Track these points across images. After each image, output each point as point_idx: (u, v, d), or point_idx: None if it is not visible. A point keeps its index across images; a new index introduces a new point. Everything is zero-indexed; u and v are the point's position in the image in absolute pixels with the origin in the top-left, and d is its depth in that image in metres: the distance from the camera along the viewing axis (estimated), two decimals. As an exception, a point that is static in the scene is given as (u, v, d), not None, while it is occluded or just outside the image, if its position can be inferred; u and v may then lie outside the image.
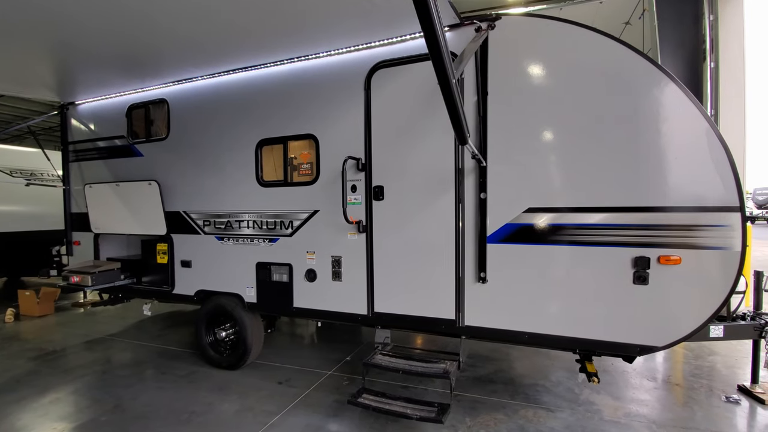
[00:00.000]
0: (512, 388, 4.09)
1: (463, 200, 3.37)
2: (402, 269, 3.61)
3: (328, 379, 4.31)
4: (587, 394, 3.95)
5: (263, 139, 4.16)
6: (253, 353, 4.49)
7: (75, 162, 5.52)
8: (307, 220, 3.99)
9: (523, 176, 3.20)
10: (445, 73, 1.90)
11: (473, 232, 3.36)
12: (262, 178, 4.22)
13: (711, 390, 4.00)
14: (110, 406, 3.83)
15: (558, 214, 3.12)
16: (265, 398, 3.90)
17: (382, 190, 3.64)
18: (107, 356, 5.13)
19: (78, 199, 5.48)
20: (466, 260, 3.39)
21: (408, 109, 3.53)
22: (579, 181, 3.07)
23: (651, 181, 2.92)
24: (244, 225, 4.31)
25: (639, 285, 2.94)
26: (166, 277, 4.81)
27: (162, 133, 4.76)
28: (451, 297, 3.45)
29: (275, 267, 4.17)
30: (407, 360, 3.56)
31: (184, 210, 4.65)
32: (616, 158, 2.98)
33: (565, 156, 3.11)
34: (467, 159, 3.35)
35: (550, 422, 3.45)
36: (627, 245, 2.96)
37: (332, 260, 3.88)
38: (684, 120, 2.89)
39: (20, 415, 3.68)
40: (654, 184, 2.92)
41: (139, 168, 4.88)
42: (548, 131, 3.15)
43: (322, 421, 3.48)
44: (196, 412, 3.67)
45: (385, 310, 3.70)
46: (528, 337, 3.25)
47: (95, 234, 5.32)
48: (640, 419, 3.49)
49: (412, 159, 3.53)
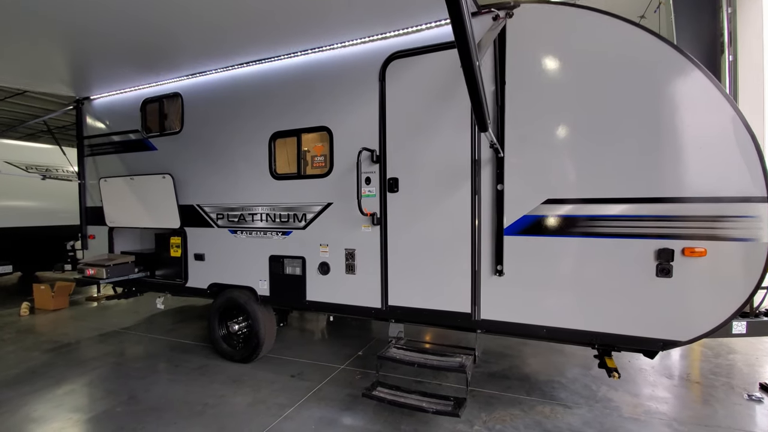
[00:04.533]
0: (527, 384, 4.03)
1: (480, 192, 3.32)
2: (417, 262, 3.57)
3: (341, 374, 4.29)
4: (605, 390, 3.87)
5: (277, 131, 4.14)
6: (266, 347, 4.48)
7: (90, 156, 5.57)
8: (321, 213, 3.96)
9: (542, 167, 3.13)
10: (469, 55, 1.86)
11: (490, 225, 3.31)
12: (276, 171, 4.20)
13: (732, 388, 3.90)
14: (124, 397, 3.84)
15: (578, 205, 3.05)
16: (277, 391, 3.89)
17: (397, 182, 3.61)
18: (121, 349, 5.17)
19: (93, 193, 5.53)
20: (482, 253, 3.34)
21: (423, 100, 3.49)
22: (600, 171, 3.00)
23: (675, 171, 2.84)
24: (258, 218, 4.30)
25: (662, 278, 2.86)
26: (180, 270, 4.83)
27: (176, 127, 4.78)
28: (467, 290, 3.40)
29: (288, 260, 4.15)
30: (422, 354, 3.52)
31: (198, 203, 4.66)
32: (638, 148, 2.90)
33: (586, 146, 3.04)
34: (484, 150, 3.30)
35: (567, 418, 3.38)
36: (650, 237, 2.89)
37: (346, 253, 3.85)
38: (709, 108, 2.80)
39: (36, 406, 3.71)
40: (678, 174, 2.83)
41: (153, 162, 4.90)
42: (568, 120, 3.08)
43: (335, 414, 3.46)
44: (209, 404, 3.67)
45: (400, 304, 3.66)
46: (546, 332, 3.19)
47: (110, 228, 5.36)
48: (660, 416, 3.41)
49: (427, 150, 3.49)
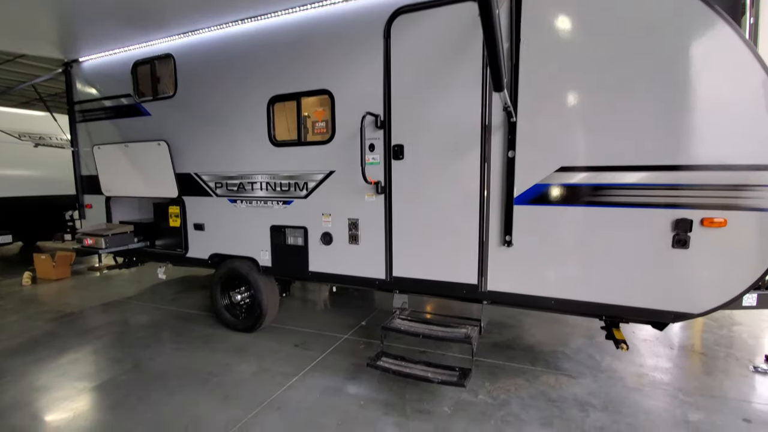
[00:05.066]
0: (531, 354, 4.02)
1: (489, 159, 3.16)
2: (422, 232, 3.46)
3: (344, 343, 4.28)
4: (609, 361, 3.86)
5: (275, 95, 3.93)
6: (269, 317, 4.46)
7: (82, 123, 5.36)
8: (323, 182, 3.82)
9: (556, 132, 2.96)
10: (488, 5, 1.66)
11: (499, 193, 3.17)
12: (275, 138, 4.02)
13: (737, 359, 3.88)
14: (129, 366, 3.85)
15: (593, 173, 2.89)
16: (281, 360, 3.88)
17: (402, 149, 3.44)
18: (124, 318, 5.17)
19: (87, 161, 5.36)
20: (490, 223, 3.22)
21: (431, 59, 3.26)
22: (617, 138, 2.82)
23: (697, 137, 2.66)
24: (257, 187, 4.16)
25: (678, 249, 2.75)
26: (180, 240, 4.74)
27: (169, 90, 4.54)
28: (474, 261, 3.30)
29: (290, 230, 4.05)
30: (426, 325, 3.47)
31: (195, 171, 4.50)
32: (659, 112, 2.71)
33: (603, 110, 2.84)
34: (495, 114, 3.11)
35: (572, 388, 3.38)
36: (668, 206, 2.75)
37: (349, 223, 3.74)
38: (738, 69, 2.59)
39: (39, 375, 3.72)
40: (701, 141, 2.66)
41: (148, 128, 4.71)
42: (585, 82, 2.87)
43: (340, 383, 3.46)
44: (213, 372, 3.67)
45: (404, 275, 3.58)
46: (554, 303, 3.12)
47: (106, 197, 5.24)
48: (664, 387, 3.41)
49: (434, 115, 3.30)
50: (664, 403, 3.16)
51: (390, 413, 3.03)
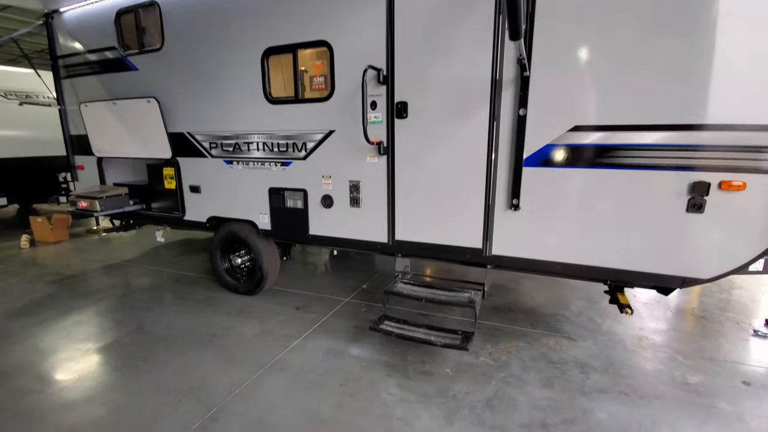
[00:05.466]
0: (532, 317, 4.03)
1: (499, 118, 2.98)
2: (426, 195, 3.34)
3: (346, 306, 4.29)
4: (609, 324, 3.88)
5: (270, 47, 3.66)
6: (270, 280, 4.44)
7: (67, 79, 5.08)
8: (322, 142, 3.65)
9: (572, 89, 2.76)
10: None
11: (508, 155, 3.02)
12: (271, 94, 3.80)
13: (737, 323, 3.90)
14: (132, 328, 3.86)
15: (609, 133, 2.73)
16: (284, 323, 3.90)
17: (406, 107, 3.24)
18: (125, 281, 5.16)
19: (75, 119, 5.13)
20: (497, 185, 3.10)
21: (438, 5, 2.99)
22: (636, 95, 2.63)
23: (719, 95, 2.48)
24: (254, 147, 3.99)
25: (693, 213, 2.65)
26: (176, 203, 4.62)
27: (156, 42, 4.24)
28: (479, 225, 3.21)
29: (289, 192, 3.92)
30: (429, 289, 3.44)
31: (188, 131, 4.30)
32: (680, 68, 2.50)
33: (622, 64, 2.63)
34: (507, 69, 2.89)
35: (572, 351, 3.40)
36: (685, 168, 2.61)
37: (350, 185, 3.61)
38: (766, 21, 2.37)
39: (43, 337, 3.73)
40: (723, 99, 2.48)
41: (135, 83, 4.45)
42: (604, 34, 2.63)
43: (342, 345, 3.48)
44: (216, 334, 3.69)
45: (407, 238, 3.51)
46: (560, 268, 3.06)
47: (98, 158, 5.06)
48: (664, 350, 3.43)
49: (441, 69, 3.07)
50: (664, 366, 3.18)
51: (392, 374, 3.06)
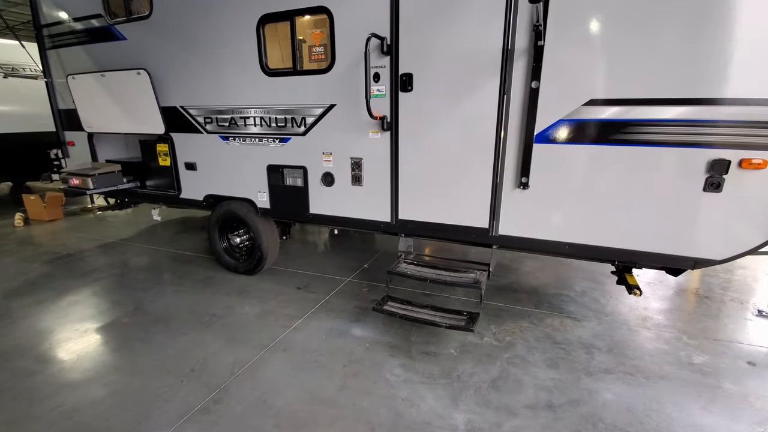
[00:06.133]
0: (536, 297, 3.99)
1: (509, 91, 2.82)
2: (431, 173, 3.22)
3: (347, 286, 4.23)
4: (613, 304, 3.84)
5: (266, 14, 3.44)
6: (270, 259, 4.36)
7: (53, 49, 4.83)
8: (322, 117, 3.49)
9: (588, 60, 2.59)
10: None
11: (518, 130, 2.88)
12: (267, 66, 3.60)
13: (741, 303, 3.87)
14: (130, 308, 3.80)
15: (625, 108, 2.59)
16: (285, 303, 3.84)
17: (411, 79, 3.07)
18: (122, 260, 5.08)
19: (63, 93, 4.91)
20: (506, 163, 2.97)
21: (448, -31, 2.78)
22: (654, 66, 2.47)
23: (743, 67, 2.33)
24: (251, 122, 3.82)
25: (710, 192, 2.54)
26: (172, 180, 4.48)
27: (144, 9, 4.00)
28: (486, 204, 3.11)
29: (288, 170, 3.79)
30: (433, 269, 3.37)
31: (182, 105, 4.11)
32: (704, 36, 2.34)
33: (640, 34, 2.45)
34: (519, 38, 2.71)
35: (577, 331, 3.37)
36: (705, 146, 2.49)
37: (352, 162, 3.47)
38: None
39: (40, 317, 3.67)
40: (746, 71, 2.33)
41: (124, 54, 4.22)
42: (621, 1, 2.46)
43: (345, 325, 3.43)
44: (216, 315, 3.64)
45: (411, 218, 3.41)
46: (569, 248, 2.98)
47: (88, 133, 4.87)
48: (669, 330, 3.40)
49: (449, 38, 2.89)
50: (669, 346, 3.16)
51: (396, 355, 3.03)
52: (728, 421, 2.41)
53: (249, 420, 2.40)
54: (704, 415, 2.46)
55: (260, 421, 2.39)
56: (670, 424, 2.38)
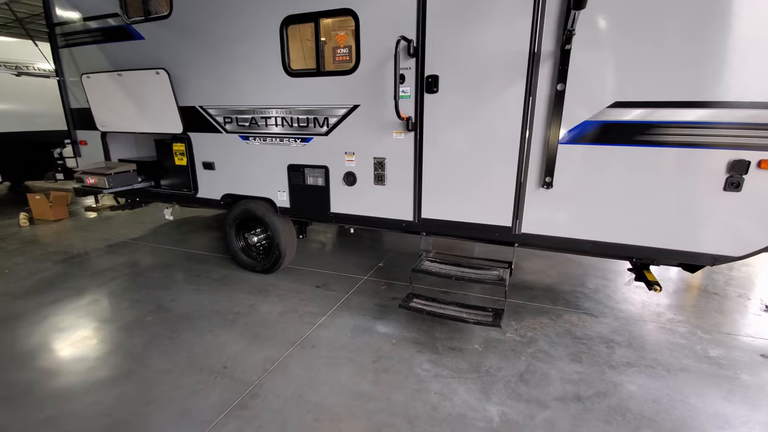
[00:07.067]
0: (552, 294, 4.08)
1: (535, 93, 2.90)
2: (454, 173, 3.28)
3: (365, 284, 4.28)
4: (627, 300, 3.95)
5: (290, 15, 3.48)
6: (287, 258, 4.39)
7: (66, 48, 4.79)
8: (345, 117, 3.53)
9: (615, 62, 2.68)
10: None
11: (543, 131, 2.96)
12: (290, 67, 3.64)
13: (749, 299, 4.00)
14: (152, 307, 3.81)
15: (649, 110, 2.68)
16: (306, 301, 3.88)
17: (437, 81, 3.14)
18: (134, 260, 5.06)
19: (76, 92, 4.88)
20: (530, 163, 3.05)
21: (476, -27, 2.85)
22: (678, 70, 2.56)
23: (765, 72, 2.44)
24: (272, 122, 3.85)
25: (730, 192, 2.65)
26: (188, 180, 4.49)
27: (164, 9, 4.00)
28: (509, 203, 3.18)
29: (309, 170, 3.83)
30: (457, 267, 3.44)
31: (200, 105, 4.13)
32: (725, 42, 2.44)
33: (666, 38, 2.55)
34: (546, 41, 2.79)
35: (595, 327, 3.47)
36: (726, 147, 2.59)
37: (375, 162, 3.53)
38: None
39: (61, 317, 3.66)
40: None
41: (142, 54, 4.22)
42: (645, 5, 2.55)
43: (369, 322, 3.48)
44: (240, 313, 3.66)
45: (433, 216, 3.47)
46: (591, 246, 3.07)
47: (102, 132, 4.85)
48: (683, 325, 3.51)
49: (475, 41, 2.96)
50: (685, 340, 3.27)
51: (423, 351, 3.09)
52: (748, 410, 2.51)
53: (288, 414, 2.44)
54: (725, 404, 2.56)
55: (299, 415, 2.43)
56: (694, 413, 2.47)
